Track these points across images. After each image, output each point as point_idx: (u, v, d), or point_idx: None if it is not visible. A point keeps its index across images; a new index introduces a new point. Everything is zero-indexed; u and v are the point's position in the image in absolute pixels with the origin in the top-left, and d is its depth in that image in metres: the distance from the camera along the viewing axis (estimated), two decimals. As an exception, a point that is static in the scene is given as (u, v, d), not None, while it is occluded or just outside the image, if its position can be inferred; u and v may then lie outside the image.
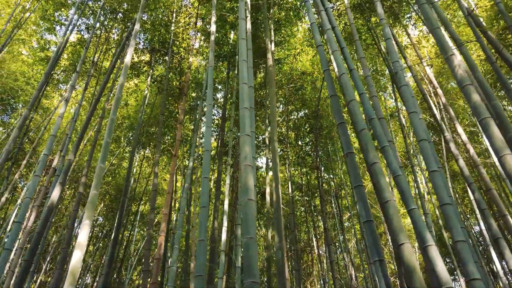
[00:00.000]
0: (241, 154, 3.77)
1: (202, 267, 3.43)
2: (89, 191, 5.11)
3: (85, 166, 8.10)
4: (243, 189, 3.48)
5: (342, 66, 3.86)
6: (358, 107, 3.47)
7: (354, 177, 3.19)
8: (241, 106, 4.20)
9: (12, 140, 6.20)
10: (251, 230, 3.19)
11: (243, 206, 3.38)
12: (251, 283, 2.89)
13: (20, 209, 15.85)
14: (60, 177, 5.90)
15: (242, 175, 3.61)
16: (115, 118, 5.21)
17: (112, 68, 7.63)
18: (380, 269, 2.67)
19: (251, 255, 3.05)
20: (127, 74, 5.85)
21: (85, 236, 4.11)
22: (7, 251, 4.67)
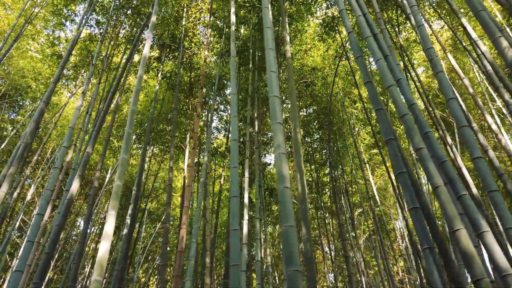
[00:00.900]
0: (274, 142, 3.68)
1: (237, 256, 3.34)
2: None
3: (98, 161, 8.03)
4: (279, 177, 3.39)
5: (377, 52, 3.76)
6: (398, 92, 3.37)
7: (397, 164, 3.09)
8: (270, 94, 4.11)
9: (29, 133, 6.12)
10: (290, 218, 3.10)
11: (280, 194, 3.29)
12: (293, 272, 2.80)
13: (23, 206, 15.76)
14: (79, 170, 5.82)
15: (276, 164, 3.52)
16: (135, 110, 5.12)
17: (127, 62, 7.55)
18: (432, 258, 2.57)
19: (292, 243, 2.96)
20: (144, 67, 5.76)
21: (111, 226, 4.04)
22: (29, 243, 4.59)
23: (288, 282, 2.80)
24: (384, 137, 3.31)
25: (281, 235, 3.03)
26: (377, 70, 13.99)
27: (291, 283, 2.78)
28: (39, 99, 14.40)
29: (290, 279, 2.79)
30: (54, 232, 5.05)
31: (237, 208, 3.72)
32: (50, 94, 6.72)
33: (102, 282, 3.45)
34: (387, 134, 3.31)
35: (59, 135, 16.20)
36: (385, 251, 9.01)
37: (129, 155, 4.38)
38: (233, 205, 3.73)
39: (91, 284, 3.61)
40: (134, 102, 5.18)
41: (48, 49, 13.47)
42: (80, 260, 6.71)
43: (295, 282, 2.77)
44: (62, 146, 5.58)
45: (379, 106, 3.53)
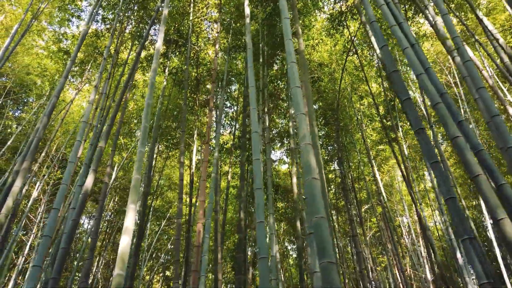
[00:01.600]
0: (299, 133, 3.61)
1: (265, 249, 3.27)
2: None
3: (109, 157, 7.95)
4: (306, 169, 3.32)
5: (404, 40, 3.68)
6: (428, 80, 3.30)
7: (429, 154, 3.02)
8: (292, 85, 4.04)
9: (42, 127, 6.05)
10: (321, 209, 3.03)
11: (307, 185, 3.22)
12: (327, 264, 2.74)
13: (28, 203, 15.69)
14: (93, 164, 5.75)
15: (303, 155, 3.45)
16: (151, 103, 5.06)
17: (138, 56, 7.48)
18: (472, 248, 2.50)
19: (324, 235, 2.89)
20: (158, 60, 5.70)
21: (132, 220, 3.99)
22: (47, 238, 4.53)
23: (323, 274, 2.73)
24: (413, 128, 3.23)
25: (313, 227, 2.95)
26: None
27: (326, 275, 2.71)
28: (44, 95, 14.33)
29: (325, 271, 2.72)
30: (71, 227, 4.99)
31: (261, 200, 3.65)
32: (61, 88, 6.65)
33: (124, 275, 3.40)
34: (417, 124, 3.24)
35: (64, 132, 16.14)
36: (396, 247, 8.95)
37: (146, 148, 4.33)
38: (258, 197, 3.66)
39: (113, 278, 3.55)
40: (149, 95, 5.12)
41: (54, 45, 13.39)
42: (93, 255, 6.66)
43: (329, 274, 2.70)
44: (77, 140, 5.51)
45: (407, 96, 3.45)
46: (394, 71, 3.68)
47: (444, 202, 2.80)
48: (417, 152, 15.76)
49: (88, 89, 14.84)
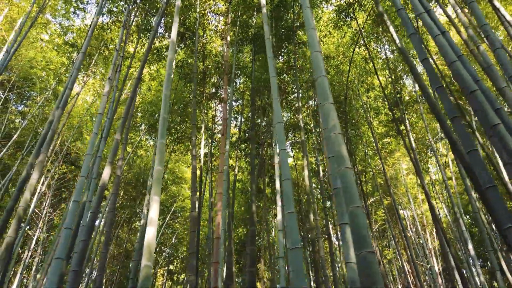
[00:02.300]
0: (328, 123, 3.56)
1: (296, 240, 3.24)
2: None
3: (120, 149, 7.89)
4: (338, 159, 3.28)
5: (434, 27, 3.62)
6: (463, 68, 3.25)
7: (466, 142, 2.98)
8: (318, 74, 3.98)
9: (56, 120, 5.99)
10: (356, 199, 3.00)
11: (341, 175, 3.18)
12: (367, 253, 2.71)
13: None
14: (109, 157, 5.71)
15: (334, 145, 3.40)
16: (168, 94, 5.02)
17: (149, 49, 7.39)
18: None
19: (361, 225, 2.86)
20: (174, 50, 5.63)
21: (156, 212, 3.98)
22: (67, 230, 4.49)
23: (362, 264, 2.70)
24: (448, 116, 3.18)
25: (350, 217, 2.92)
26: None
27: (365, 265, 2.68)
28: (50, 89, 14.22)
29: (364, 261, 2.69)
30: (90, 219, 4.95)
31: (290, 190, 3.62)
32: (74, 79, 6.58)
33: (151, 267, 3.37)
34: (452, 112, 3.19)
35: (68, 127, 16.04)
36: (408, 239, 8.95)
37: (166, 140, 4.29)
38: (286, 187, 3.63)
39: (141, 269, 3.53)
40: (167, 86, 5.08)
41: (58, 38, 13.26)
42: (107, 249, 6.63)
43: (369, 264, 2.68)
44: (93, 133, 5.46)
45: (439, 84, 3.40)
46: (424, 59, 3.63)
47: (485, 190, 2.78)
48: (424, 145, 15.74)
49: (93, 83, 14.72)
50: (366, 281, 2.59)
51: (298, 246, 3.19)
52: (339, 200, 3.58)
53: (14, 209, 5.80)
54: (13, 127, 16.05)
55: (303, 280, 2.98)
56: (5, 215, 5.52)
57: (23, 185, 5.77)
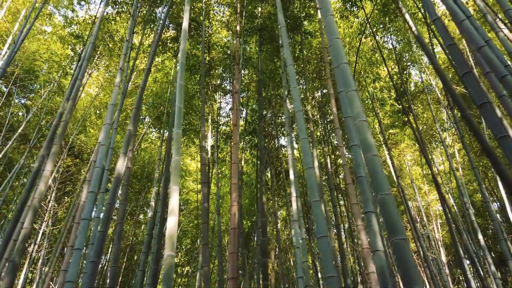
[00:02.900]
0: (353, 111, 3.51)
1: (323, 229, 3.21)
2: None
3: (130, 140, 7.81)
4: (365, 146, 3.24)
5: (460, 13, 3.56)
6: (491, 52, 3.19)
7: (496, 128, 2.93)
8: (339, 61, 3.92)
9: (68, 111, 5.94)
10: (385, 187, 2.96)
11: (368, 162, 3.15)
12: (400, 240, 2.68)
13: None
14: (123, 148, 5.66)
15: (359, 132, 3.36)
16: (182, 84, 4.97)
17: (158, 40, 7.31)
18: None
19: (392, 212, 2.83)
20: (186, 39, 5.56)
21: (176, 201, 3.95)
22: (85, 221, 4.47)
23: (396, 251, 2.68)
24: (476, 102, 3.13)
25: (378, 204, 2.89)
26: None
27: (399, 252, 2.66)
28: (54, 82, 14.12)
29: (398, 248, 2.67)
30: (107, 210, 4.93)
31: (314, 179, 3.58)
32: (84, 70, 6.51)
33: (174, 256, 3.35)
34: (480, 98, 3.13)
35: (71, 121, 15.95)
36: (417, 231, 8.94)
37: (181, 129, 4.25)
38: (309, 176, 3.59)
39: (164, 259, 3.50)
40: (181, 76, 5.03)
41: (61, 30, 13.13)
42: (120, 241, 6.62)
43: (403, 251, 2.65)
44: (106, 124, 5.41)
45: (467, 70, 3.34)
46: (450, 44, 3.56)
47: None
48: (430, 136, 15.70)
49: (97, 75, 14.62)
50: (402, 267, 2.57)
51: (326, 234, 3.16)
52: (363, 188, 3.54)
53: (27, 200, 5.77)
54: (16, 120, 15.98)
55: (332, 268, 2.95)
56: (19, 207, 5.49)
57: (36, 176, 5.73)
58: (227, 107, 53.55)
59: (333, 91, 7.30)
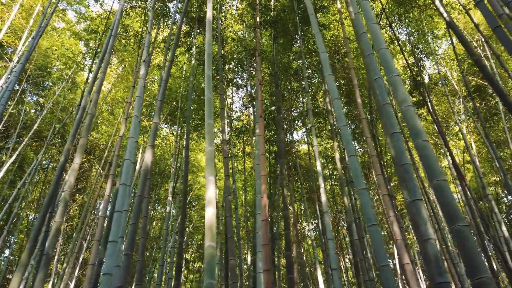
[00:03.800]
0: (398, 97, 3.42)
1: (372, 217, 3.13)
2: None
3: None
4: (413, 132, 3.15)
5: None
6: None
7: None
8: (379, 47, 3.84)
9: (93, 104, 5.90)
10: (440, 172, 2.88)
11: (419, 148, 3.06)
12: (461, 227, 2.60)
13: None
14: (150, 140, 5.62)
15: (406, 118, 3.27)
16: (210, 74, 4.90)
17: (179, 32, 7.23)
18: None
19: (449, 198, 2.75)
20: (211, 30, 5.48)
21: (213, 192, 3.90)
22: (118, 213, 4.42)
23: (457, 237, 2.60)
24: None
25: (434, 190, 2.81)
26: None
27: (461, 239, 2.57)
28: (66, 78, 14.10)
29: (459, 234, 2.59)
30: (137, 202, 4.89)
31: (358, 166, 3.50)
32: (107, 64, 6.47)
33: (215, 247, 3.29)
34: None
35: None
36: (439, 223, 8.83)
37: (212, 120, 4.18)
38: (353, 163, 3.51)
39: (205, 249, 3.45)
40: (208, 66, 4.97)
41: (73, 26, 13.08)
42: (146, 234, 6.59)
43: (465, 237, 2.57)
44: (134, 116, 5.36)
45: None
46: (496, 27, 3.45)
47: None
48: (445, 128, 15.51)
49: (109, 71, 14.57)
50: (465, 255, 2.49)
51: (376, 222, 3.09)
52: (409, 176, 3.45)
53: (56, 194, 5.75)
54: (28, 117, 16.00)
55: (386, 257, 2.88)
56: (48, 200, 5.47)
57: (62, 170, 5.70)
58: (239, 102, 53.07)
59: (356, 81, 7.19)
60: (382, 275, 2.81)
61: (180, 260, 7.35)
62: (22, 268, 4.75)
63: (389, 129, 4.71)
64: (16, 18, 11.44)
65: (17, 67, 7.22)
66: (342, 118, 3.85)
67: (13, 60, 10.04)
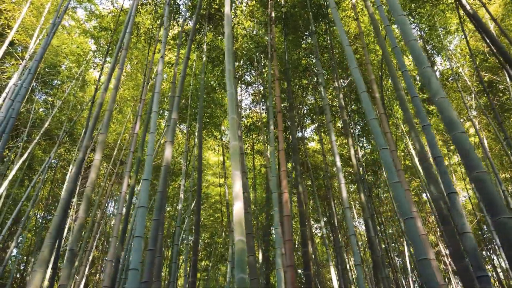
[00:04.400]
0: (431, 89, 3.36)
1: (408, 211, 3.08)
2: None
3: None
4: (449, 123, 3.10)
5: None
6: None
7: None
8: (409, 39, 3.78)
9: (112, 100, 5.87)
10: (479, 164, 2.82)
11: (456, 140, 3.01)
12: (504, 219, 2.55)
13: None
14: (169, 136, 5.58)
15: (441, 110, 3.21)
16: (232, 69, 4.86)
17: (194, 27, 7.20)
18: None
19: (491, 189, 2.69)
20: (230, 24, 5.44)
21: (239, 186, 3.87)
22: (142, 209, 4.40)
23: (500, 231, 2.54)
24: None
25: (474, 182, 2.75)
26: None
27: (504, 231, 2.52)
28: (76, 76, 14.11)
29: (502, 227, 2.53)
30: (159, 198, 4.86)
31: (390, 160, 3.44)
32: (123, 61, 6.45)
33: (245, 241, 3.27)
34: None
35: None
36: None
37: (236, 114, 4.16)
38: (385, 156, 3.46)
39: (235, 244, 3.42)
40: (229, 61, 4.92)
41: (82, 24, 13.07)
42: (162, 231, 6.57)
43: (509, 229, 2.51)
44: (153, 112, 5.33)
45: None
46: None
47: None
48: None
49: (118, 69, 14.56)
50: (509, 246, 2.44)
51: (412, 216, 3.03)
52: (443, 169, 3.40)
53: (74, 190, 5.73)
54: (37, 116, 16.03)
55: (424, 250, 2.83)
56: (67, 197, 5.45)
57: (81, 166, 5.68)
58: (247, 99, 52.72)
59: (373, 76, 7.12)
60: (421, 270, 2.75)
61: (195, 257, 7.33)
62: (44, 264, 4.74)
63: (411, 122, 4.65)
64: (27, 16, 11.44)
65: (33, 64, 7.22)
66: (371, 111, 3.80)
67: (25, 58, 10.03)
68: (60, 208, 5.31)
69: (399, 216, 15.17)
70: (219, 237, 22.66)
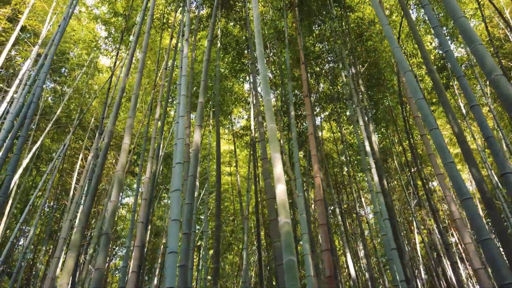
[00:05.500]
0: (486, 65, 3.25)
1: (465, 191, 3.00)
2: None
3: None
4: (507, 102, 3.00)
5: None
6: None
7: None
8: (458, 15, 3.65)
9: (137, 84, 5.77)
10: None
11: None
12: None
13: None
14: (197, 120, 5.49)
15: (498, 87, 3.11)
16: (262, 51, 4.76)
17: (216, 11, 7.06)
18: None
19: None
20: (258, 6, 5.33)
21: (280, 169, 3.83)
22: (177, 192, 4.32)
23: None
24: None
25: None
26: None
27: None
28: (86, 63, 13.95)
29: None
30: (191, 183, 4.79)
31: (441, 140, 3.35)
32: (146, 44, 6.33)
33: (290, 223, 3.20)
34: None
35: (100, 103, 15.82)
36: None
37: (270, 96, 4.09)
38: (436, 137, 3.37)
39: (281, 227, 3.38)
40: (259, 43, 4.85)
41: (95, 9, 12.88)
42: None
43: None
44: (182, 95, 5.23)
45: None
46: None
47: None
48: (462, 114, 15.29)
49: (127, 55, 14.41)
50: None
51: (470, 196, 2.96)
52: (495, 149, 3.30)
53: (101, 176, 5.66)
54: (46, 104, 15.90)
55: (486, 230, 2.75)
56: (94, 183, 5.39)
57: (106, 151, 5.61)
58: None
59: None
60: (485, 250, 2.68)
61: (218, 244, 7.30)
62: (75, 249, 4.69)
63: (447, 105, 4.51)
64: (38, 1, 11.26)
65: (52, 49, 7.09)
66: (417, 91, 3.70)
67: (38, 44, 9.89)
68: (89, 195, 5.25)
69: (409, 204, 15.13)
70: (227, 226, 22.72)
